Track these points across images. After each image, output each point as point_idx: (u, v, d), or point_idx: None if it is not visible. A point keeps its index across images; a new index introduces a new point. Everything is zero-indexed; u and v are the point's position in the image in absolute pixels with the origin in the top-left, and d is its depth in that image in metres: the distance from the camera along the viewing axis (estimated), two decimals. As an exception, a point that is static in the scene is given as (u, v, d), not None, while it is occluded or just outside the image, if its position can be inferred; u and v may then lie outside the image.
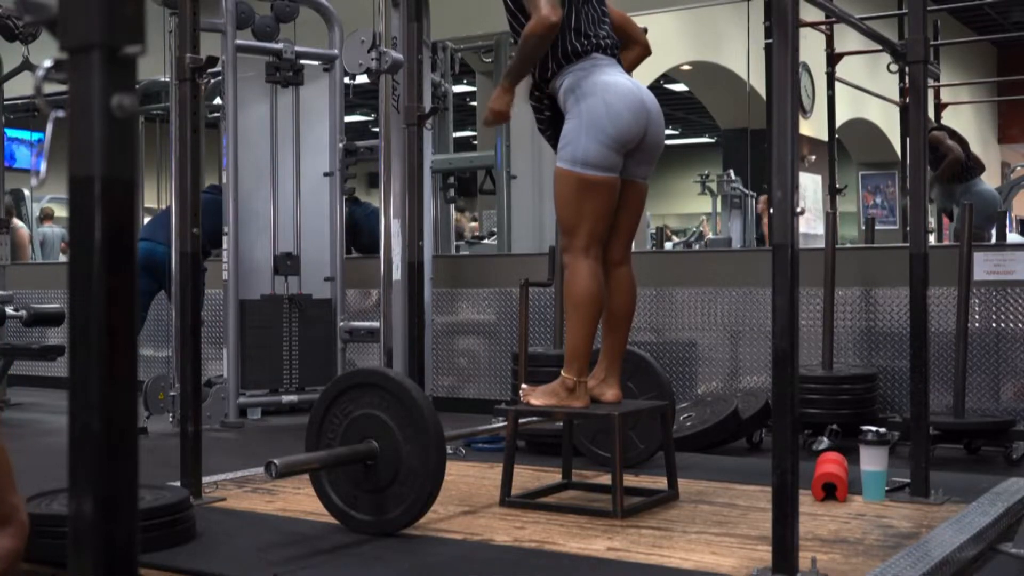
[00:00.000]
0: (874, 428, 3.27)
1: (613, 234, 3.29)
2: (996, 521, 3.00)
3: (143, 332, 6.27)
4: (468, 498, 3.34)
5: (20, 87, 7.62)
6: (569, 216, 3.18)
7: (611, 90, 3.18)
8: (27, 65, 6.67)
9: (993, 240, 6.47)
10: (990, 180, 14.64)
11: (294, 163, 6.06)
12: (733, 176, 9.74)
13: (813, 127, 9.97)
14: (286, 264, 5.90)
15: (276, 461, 2.69)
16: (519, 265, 5.92)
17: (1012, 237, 7.90)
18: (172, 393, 5.37)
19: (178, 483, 3.19)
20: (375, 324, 5.49)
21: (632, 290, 3.38)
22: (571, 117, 3.18)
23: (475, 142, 10.51)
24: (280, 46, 5.96)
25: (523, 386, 3.33)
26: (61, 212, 11.95)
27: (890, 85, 8.01)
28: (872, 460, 3.23)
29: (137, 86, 0.95)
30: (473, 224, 10.48)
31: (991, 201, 7.05)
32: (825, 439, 4.58)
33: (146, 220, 7.07)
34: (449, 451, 4.11)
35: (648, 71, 9.13)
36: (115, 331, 0.93)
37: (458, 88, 9.29)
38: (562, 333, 4.78)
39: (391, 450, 2.84)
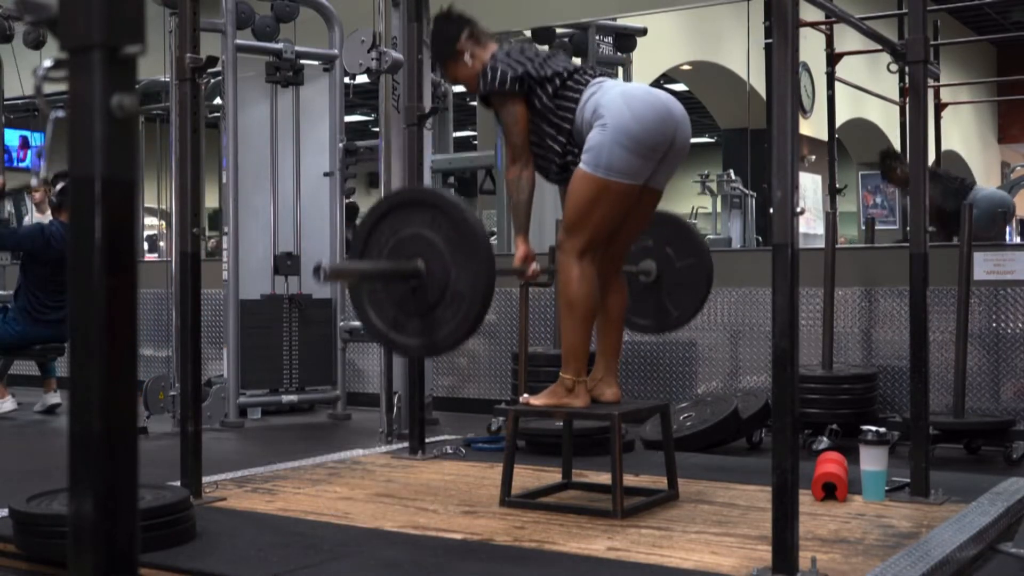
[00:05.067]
0: (874, 428, 3.27)
1: (616, 237, 3.27)
2: (996, 521, 3.00)
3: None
4: (468, 498, 3.34)
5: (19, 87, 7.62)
6: (576, 216, 3.14)
7: (631, 94, 3.14)
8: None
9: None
10: (990, 180, 14.66)
11: (294, 163, 6.06)
12: (733, 176, 9.73)
13: (813, 127, 9.97)
14: (286, 264, 5.91)
15: (325, 264, 2.60)
16: (519, 265, 5.91)
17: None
18: (172, 393, 5.37)
19: (178, 483, 3.19)
20: (375, 324, 5.49)
21: (625, 291, 3.38)
22: (596, 128, 3.09)
23: (475, 142, 10.51)
24: (280, 46, 5.96)
25: (523, 395, 3.34)
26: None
27: (890, 85, 8.01)
28: (872, 460, 3.22)
29: (137, 86, 0.95)
30: None
31: (993, 196, 7.06)
32: (825, 439, 4.59)
33: (146, 220, 7.07)
34: (449, 451, 4.12)
35: (648, 71, 9.13)
36: (115, 331, 0.93)
37: (458, 88, 9.29)
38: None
39: (440, 272, 2.74)
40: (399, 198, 2.90)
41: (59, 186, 5.99)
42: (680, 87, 12.36)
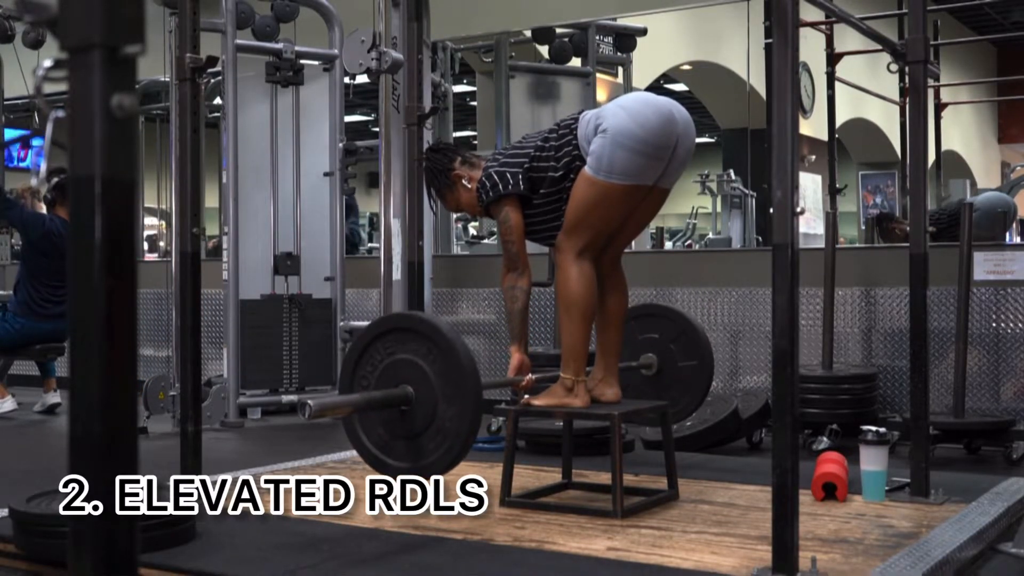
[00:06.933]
0: (874, 428, 3.27)
1: (619, 235, 3.27)
2: (996, 521, 3.00)
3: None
4: (468, 498, 3.33)
5: (20, 87, 7.62)
6: (576, 218, 3.14)
7: (628, 99, 3.17)
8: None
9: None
10: (990, 180, 14.65)
11: (294, 163, 6.06)
12: (733, 176, 9.73)
13: (813, 127, 9.97)
14: (286, 264, 5.90)
15: (310, 402, 2.64)
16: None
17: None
18: (172, 393, 5.37)
19: (178, 483, 3.19)
20: (375, 324, 5.49)
21: (625, 290, 3.39)
22: (597, 135, 3.10)
23: (475, 142, 10.51)
24: (280, 46, 5.96)
25: (525, 396, 3.34)
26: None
27: (890, 85, 8.01)
28: (872, 460, 3.23)
29: (137, 86, 0.95)
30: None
31: (992, 198, 7.05)
32: (825, 439, 4.58)
33: (146, 220, 7.05)
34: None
35: (648, 71, 9.13)
36: (115, 331, 0.93)
37: (458, 88, 9.29)
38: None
39: (428, 401, 2.78)
40: (396, 322, 2.95)
41: (53, 181, 5.97)
42: (680, 87, 12.37)
